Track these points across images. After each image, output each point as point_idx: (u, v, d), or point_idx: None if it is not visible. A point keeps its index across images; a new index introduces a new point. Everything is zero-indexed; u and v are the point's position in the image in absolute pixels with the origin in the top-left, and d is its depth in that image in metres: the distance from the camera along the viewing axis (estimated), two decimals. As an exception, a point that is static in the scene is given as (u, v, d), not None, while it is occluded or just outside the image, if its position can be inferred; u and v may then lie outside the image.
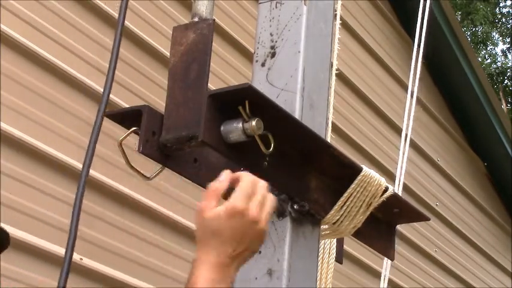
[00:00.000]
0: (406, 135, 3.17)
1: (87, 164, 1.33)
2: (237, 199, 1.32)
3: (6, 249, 1.42)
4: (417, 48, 3.25)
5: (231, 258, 1.32)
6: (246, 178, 1.35)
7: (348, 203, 1.68)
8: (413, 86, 3.25)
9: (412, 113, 3.23)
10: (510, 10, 20.55)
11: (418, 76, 3.27)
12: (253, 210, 1.32)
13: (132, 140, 1.48)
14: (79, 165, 3.15)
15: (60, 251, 3.00)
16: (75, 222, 1.29)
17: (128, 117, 1.49)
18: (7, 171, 2.91)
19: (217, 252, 1.31)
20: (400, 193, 2.72)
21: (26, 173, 2.97)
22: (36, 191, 3.00)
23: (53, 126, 3.10)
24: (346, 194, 1.67)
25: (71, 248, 1.24)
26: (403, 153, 3.09)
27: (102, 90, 3.34)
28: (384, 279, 3.00)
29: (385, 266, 3.01)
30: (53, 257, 2.97)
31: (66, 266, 1.21)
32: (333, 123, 1.97)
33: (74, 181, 3.15)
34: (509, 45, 20.16)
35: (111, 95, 3.35)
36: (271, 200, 1.36)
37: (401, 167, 3.07)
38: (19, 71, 3.03)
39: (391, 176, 3.35)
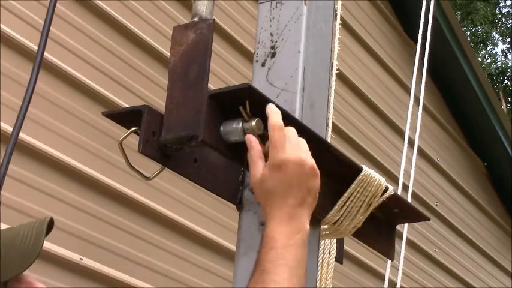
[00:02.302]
0: (411, 139, 3.15)
1: (18, 126, 1.33)
2: (273, 154, 1.38)
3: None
4: (421, 51, 3.23)
5: (298, 206, 1.37)
6: (273, 131, 1.40)
7: (348, 203, 1.68)
8: (418, 89, 3.23)
9: (419, 118, 3.21)
10: (510, 10, 20.56)
11: (424, 80, 3.25)
12: (293, 155, 1.38)
13: (132, 140, 1.48)
14: (80, 165, 3.16)
15: (61, 250, 3.00)
16: None
17: (127, 117, 1.49)
18: (7, 171, 2.90)
19: (282, 206, 1.36)
20: (409, 195, 2.72)
21: (26, 173, 2.97)
22: (36, 191, 3.00)
23: (53, 126, 3.10)
24: (346, 194, 1.67)
25: None
26: (408, 157, 3.09)
27: (101, 89, 3.36)
28: (396, 283, 2.99)
29: (399, 275, 3.00)
30: (52, 256, 2.97)
31: None
32: (333, 123, 1.97)
33: (73, 180, 3.15)
34: (509, 45, 20.18)
35: (111, 95, 3.37)
36: (301, 139, 1.43)
37: (411, 173, 3.06)
38: (19, 72, 3.03)
39: (391, 176, 3.35)
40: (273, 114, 1.42)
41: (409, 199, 2.79)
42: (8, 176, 2.90)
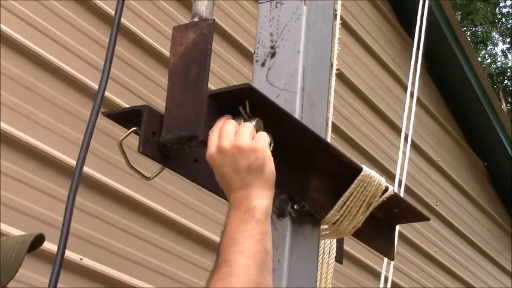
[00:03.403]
0: (406, 135, 3.17)
1: (81, 160, 1.34)
2: (208, 147, 1.40)
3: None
4: (417, 48, 3.25)
5: (240, 189, 1.37)
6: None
7: (348, 203, 1.68)
8: (412, 86, 3.25)
9: (413, 114, 3.23)
10: (510, 10, 20.56)
11: (418, 76, 3.26)
12: (211, 149, 1.39)
13: (132, 140, 1.48)
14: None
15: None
16: (68, 219, 1.30)
17: (127, 117, 1.49)
18: (7, 171, 2.91)
19: (229, 194, 1.39)
20: (401, 193, 2.72)
21: (26, 173, 2.97)
22: (36, 191, 3.00)
23: (53, 126, 3.10)
24: (346, 194, 1.67)
25: (63, 245, 1.25)
26: (404, 154, 3.09)
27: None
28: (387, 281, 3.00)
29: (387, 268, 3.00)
30: (52, 256, 2.97)
31: (58, 265, 1.23)
32: (333, 123, 1.97)
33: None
34: (509, 45, 20.18)
35: (111, 95, 3.38)
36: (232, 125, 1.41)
37: (403, 168, 3.07)
38: (19, 71, 3.03)
39: (391, 176, 3.35)
40: (219, 121, 1.43)
41: (401, 192, 2.79)
42: (8, 176, 2.91)
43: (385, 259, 3.03)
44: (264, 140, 1.40)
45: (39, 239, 1.41)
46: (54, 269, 1.23)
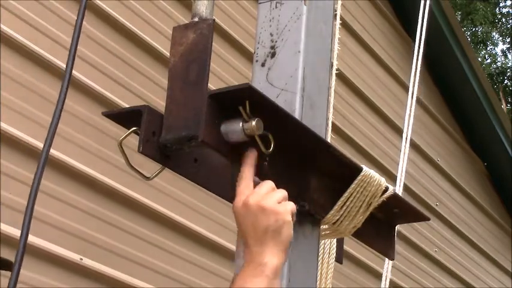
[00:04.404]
0: (407, 135, 3.17)
1: (48, 143, 1.35)
2: (236, 197, 1.46)
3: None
4: (417, 49, 3.25)
5: (255, 245, 1.41)
6: (239, 180, 1.48)
7: (348, 203, 1.68)
8: (413, 86, 3.25)
9: (412, 113, 3.23)
10: (510, 10, 20.57)
11: (418, 76, 3.27)
12: (237, 203, 1.44)
13: (132, 140, 1.48)
14: (80, 165, 3.16)
15: (61, 250, 3.00)
16: (32, 202, 1.32)
17: (127, 117, 1.49)
18: (7, 171, 2.91)
19: (246, 248, 1.43)
20: (400, 193, 2.73)
21: (26, 173, 2.97)
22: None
23: (53, 126, 3.10)
24: (346, 194, 1.67)
25: (26, 229, 1.27)
26: (404, 153, 3.09)
27: (101, 89, 3.36)
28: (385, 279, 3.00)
29: (387, 267, 3.01)
30: (52, 256, 2.97)
31: (21, 249, 1.23)
32: (333, 123, 1.97)
33: (73, 180, 3.16)
34: (509, 45, 20.18)
35: (111, 95, 3.37)
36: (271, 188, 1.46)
37: (402, 168, 3.07)
38: (19, 71, 3.03)
39: (391, 176, 3.35)
40: (246, 164, 1.47)
41: (400, 190, 2.80)
42: (8, 176, 2.91)
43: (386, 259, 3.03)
44: (288, 207, 1.45)
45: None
46: (18, 254, 1.23)
